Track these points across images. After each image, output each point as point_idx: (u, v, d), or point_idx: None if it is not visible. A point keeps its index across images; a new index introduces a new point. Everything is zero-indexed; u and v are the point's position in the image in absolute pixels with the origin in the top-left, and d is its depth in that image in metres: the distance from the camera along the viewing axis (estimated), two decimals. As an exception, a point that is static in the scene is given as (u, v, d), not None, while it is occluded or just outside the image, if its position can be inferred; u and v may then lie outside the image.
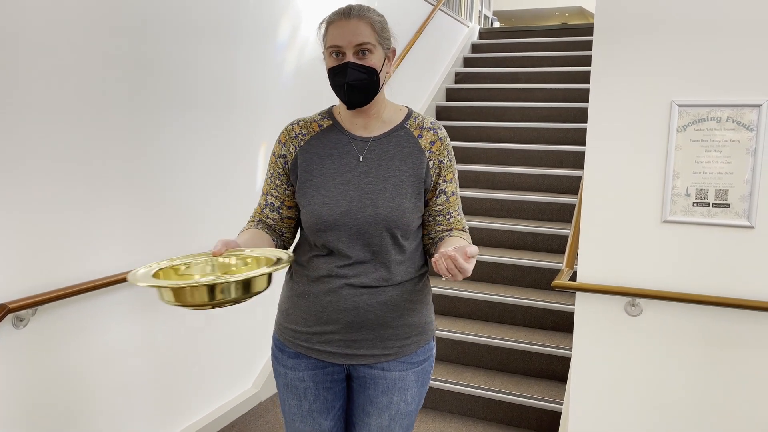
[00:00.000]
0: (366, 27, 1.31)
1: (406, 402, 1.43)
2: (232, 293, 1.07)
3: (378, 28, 1.33)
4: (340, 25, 1.31)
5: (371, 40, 1.31)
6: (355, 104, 1.34)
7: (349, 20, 1.30)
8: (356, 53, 1.31)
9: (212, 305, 1.06)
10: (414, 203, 1.37)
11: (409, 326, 1.42)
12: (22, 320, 1.88)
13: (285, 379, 1.46)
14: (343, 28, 1.30)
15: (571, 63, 5.69)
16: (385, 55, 1.36)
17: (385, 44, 1.36)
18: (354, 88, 1.31)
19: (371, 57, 1.32)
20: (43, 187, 1.92)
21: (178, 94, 2.43)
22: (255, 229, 1.44)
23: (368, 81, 1.32)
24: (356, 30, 1.30)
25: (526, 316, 3.36)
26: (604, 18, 2.05)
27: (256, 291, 1.11)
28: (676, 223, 2.04)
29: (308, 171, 1.40)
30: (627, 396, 2.16)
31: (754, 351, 2.00)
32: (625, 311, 2.13)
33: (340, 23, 1.31)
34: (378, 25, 1.33)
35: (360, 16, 1.31)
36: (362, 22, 1.31)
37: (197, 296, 1.05)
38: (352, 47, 1.30)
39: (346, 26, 1.30)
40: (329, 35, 1.33)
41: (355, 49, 1.31)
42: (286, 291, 1.48)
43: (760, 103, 1.92)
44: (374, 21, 1.33)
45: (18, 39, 1.80)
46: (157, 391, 2.46)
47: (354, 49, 1.31)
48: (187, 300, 1.05)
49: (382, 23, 1.35)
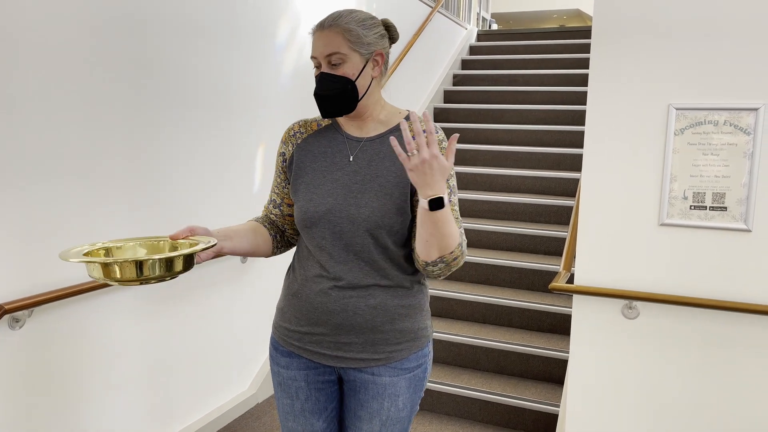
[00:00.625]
0: (337, 36, 1.31)
1: (398, 408, 1.41)
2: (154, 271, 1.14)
3: (352, 36, 1.31)
4: (316, 36, 1.34)
5: (341, 50, 1.31)
6: (329, 113, 1.36)
7: (323, 31, 1.32)
8: (328, 64, 1.33)
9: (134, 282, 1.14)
10: (399, 205, 1.35)
11: (401, 332, 1.39)
12: (18, 321, 1.87)
13: (278, 378, 1.47)
14: (317, 39, 1.33)
15: (569, 66, 5.70)
16: (365, 60, 1.34)
17: (363, 50, 1.33)
18: (324, 99, 1.33)
19: (343, 66, 1.32)
20: (39, 188, 1.91)
21: (177, 94, 2.42)
22: (255, 222, 1.49)
23: (341, 90, 1.32)
24: (327, 40, 1.32)
25: (524, 318, 3.36)
26: (602, 21, 2.05)
27: (176, 272, 1.18)
28: (674, 226, 2.05)
29: (301, 168, 1.42)
30: (624, 398, 2.16)
31: (751, 354, 2.00)
32: (622, 314, 2.14)
33: (317, 34, 1.34)
34: (352, 32, 1.32)
35: (332, 25, 1.32)
36: (333, 32, 1.31)
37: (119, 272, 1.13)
38: (324, 58, 1.33)
39: (320, 37, 1.33)
40: (312, 46, 1.36)
41: (327, 59, 1.33)
42: (284, 289, 1.49)
43: (757, 107, 1.92)
44: (346, 30, 1.31)
45: (16, 39, 1.80)
46: (154, 393, 2.46)
47: (326, 59, 1.33)
48: (114, 275, 1.13)
49: (359, 29, 1.33)
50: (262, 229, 1.47)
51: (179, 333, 2.56)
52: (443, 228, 1.21)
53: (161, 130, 2.36)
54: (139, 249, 1.30)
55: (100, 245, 1.25)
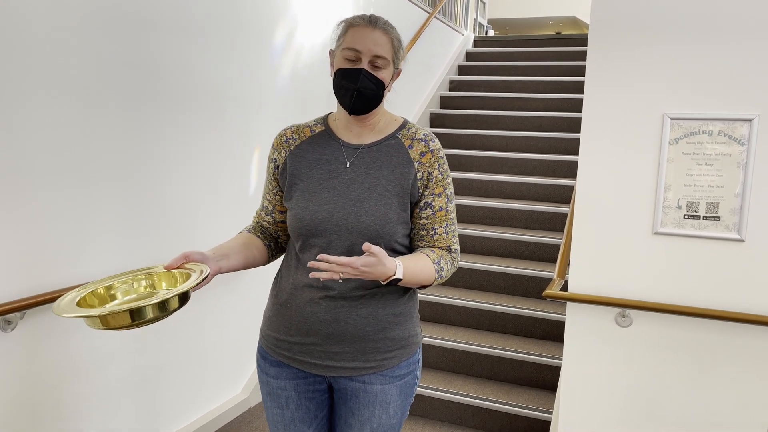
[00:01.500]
0: (387, 42, 1.33)
1: (389, 415, 1.41)
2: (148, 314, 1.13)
3: (396, 47, 1.36)
4: (363, 30, 1.31)
5: (388, 56, 1.33)
6: (357, 111, 1.34)
7: (374, 29, 1.31)
8: (371, 63, 1.32)
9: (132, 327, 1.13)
10: (398, 214, 1.35)
11: (392, 340, 1.39)
12: (10, 323, 1.86)
13: (268, 387, 1.45)
14: (365, 34, 1.31)
15: (565, 73, 5.73)
16: (392, 72, 1.38)
17: (396, 63, 1.38)
18: (362, 96, 1.32)
19: (383, 71, 1.34)
20: (32, 191, 1.91)
21: (173, 97, 2.42)
22: (247, 234, 1.47)
23: (375, 93, 1.33)
24: (378, 41, 1.31)
25: (517, 324, 3.36)
26: (598, 30, 2.06)
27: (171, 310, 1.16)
28: (667, 235, 2.06)
29: (296, 175, 1.40)
30: (616, 406, 2.16)
31: (743, 363, 2.01)
32: (616, 322, 2.14)
33: (364, 29, 1.31)
34: (397, 43, 1.36)
35: (385, 29, 1.33)
36: (386, 36, 1.33)
37: (113, 321, 1.11)
38: (370, 56, 1.31)
39: (370, 34, 1.31)
40: (348, 37, 1.32)
41: (372, 58, 1.31)
42: (271, 298, 1.47)
43: (751, 118, 1.94)
44: (395, 39, 1.35)
45: (15, 42, 1.79)
46: (146, 396, 2.44)
47: (371, 58, 1.31)
48: (110, 325, 1.11)
49: (400, 42, 1.38)
50: (255, 240, 1.45)
51: (171, 337, 2.55)
52: (414, 281, 1.31)
53: (156, 132, 2.36)
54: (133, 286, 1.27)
55: (91, 288, 1.22)
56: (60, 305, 1.14)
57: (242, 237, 1.44)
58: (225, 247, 1.37)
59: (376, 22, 1.32)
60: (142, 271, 1.29)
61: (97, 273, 2.15)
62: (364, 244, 1.16)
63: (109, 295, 1.25)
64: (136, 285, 1.27)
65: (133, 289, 1.27)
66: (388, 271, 1.22)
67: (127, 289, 1.27)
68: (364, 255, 1.17)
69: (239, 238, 1.44)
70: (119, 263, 2.24)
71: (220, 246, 1.37)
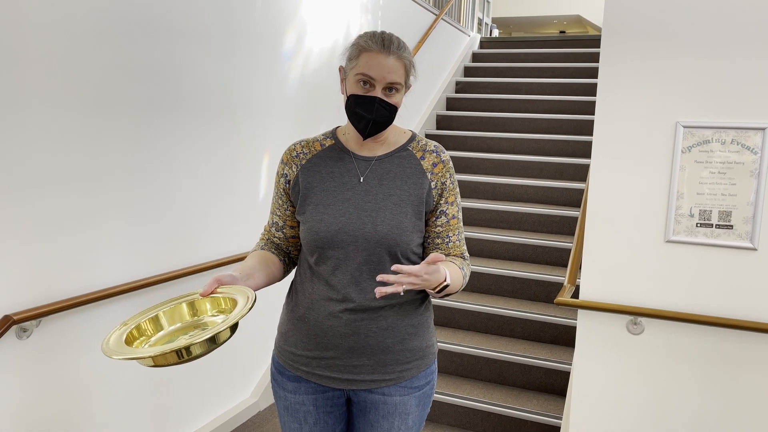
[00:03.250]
0: (401, 68, 1.32)
1: (407, 426, 1.42)
2: (197, 351, 1.11)
3: (408, 68, 1.35)
4: (377, 57, 1.30)
5: (401, 81, 1.33)
6: (369, 135, 1.36)
7: (388, 56, 1.30)
8: (385, 89, 1.32)
9: (182, 363, 1.11)
10: (414, 223, 1.37)
11: (410, 351, 1.40)
12: (26, 331, 1.87)
13: (285, 402, 1.45)
14: (380, 61, 1.29)
15: (572, 75, 5.72)
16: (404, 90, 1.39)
17: (408, 83, 1.38)
18: (376, 124, 1.34)
19: (397, 95, 1.34)
20: (46, 199, 1.91)
21: (181, 105, 2.43)
22: (262, 251, 1.46)
23: (388, 118, 1.35)
24: (392, 68, 1.30)
25: (525, 328, 3.36)
26: (611, 37, 2.06)
27: (222, 342, 1.15)
28: (680, 243, 2.06)
29: (309, 189, 1.40)
30: (627, 414, 2.16)
31: (754, 372, 2.01)
32: (627, 329, 2.15)
33: (378, 56, 1.30)
34: (409, 64, 1.35)
35: (398, 55, 1.31)
36: (399, 61, 1.31)
37: (163, 360, 1.09)
38: (384, 83, 1.31)
39: (384, 62, 1.29)
40: (361, 62, 1.31)
41: (386, 85, 1.31)
42: (286, 312, 1.46)
43: (764, 126, 1.93)
44: (408, 62, 1.34)
45: (20, 47, 1.80)
46: (157, 401, 2.46)
47: (385, 85, 1.31)
48: (165, 363, 1.10)
49: (413, 63, 1.38)
50: (271, 256, 1.45)
51: (183, 341, 2.56)
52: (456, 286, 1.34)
53: (164, 140, 2.37)
54: (175, 316, 1.24)
55: (132, 324, 1.19)
56: (108, 345, 1.11)
57: (260, 255, 1.43)
58: (248, 267, 1.36)
59: (389, 48, 1.30)
60: (183, 299, 1.27)
61: (110, 280, 2.16)
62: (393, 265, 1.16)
63: (155, 327, 1.22)
64: (180, 313, 1.25)
65: (178, 317, 1.25)
66: (441, 278, 1.23)
67: (171, 316, 1.24)
68: (423, 264, 1.17)
69: (257, 256, 1.43)
70: (131, 270, 2.25)
71: (243, 266, 1.37)
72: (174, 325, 1.24)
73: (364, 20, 3.99)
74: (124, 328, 1.18)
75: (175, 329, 1.23)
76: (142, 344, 1.17)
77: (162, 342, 1.19)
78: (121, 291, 2.13)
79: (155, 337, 1.20)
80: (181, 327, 1.24)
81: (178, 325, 1.24)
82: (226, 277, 1.25)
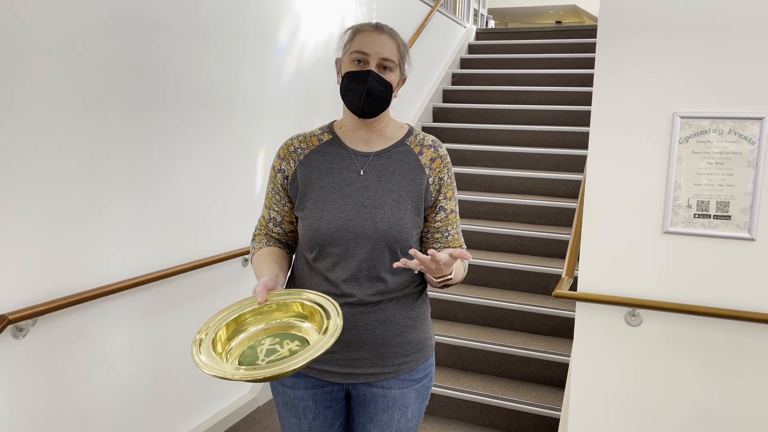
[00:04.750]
0: (394, 46, 1.36)
1: (407, 419, 1.43)
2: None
3: (402, 52, 1.38)
4: (370, 35, 1.34)
5: (395, 59, 1.36)
6: (366, 113, 1.34)
7: (381, 34, 1.34)
8: (379, 66, 1.34)
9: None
10: (413, 219, 1.37)
11: (409, 343, 1.41)
12: (22, 330, 1.86)
13: (284, 398, 1.45)
14: (373, 39, 1.33)
15: (569, 65, 5.70)
16: (398, 78, 1.40)
17: (402, 68, 1.40)
18: (371, 96, 1.32)
19: (391, 74, 1.36)
20: (42, 197, 1.90)
21: (178, 99, 2.41)
22: (269, 248, 1.45)
23: (383, 94, 1.34)
24: (386, 44, 1.34)
25: (524, 321, 3.36)
26: (608, 28, 2.05)
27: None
28: (677, 235, 2.05)
29: (307, 185, 1.39)
30: (626, 406, 2.17)
31: (754, 363, 2.02)
32: (625, 321, 2.14)
33: (371, 34, 1.34)
34: (403, 48, 1.39)
35: (391, 34, 1.37)
36: (391, 40, 1.36)
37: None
38: (378, 59, 1.33)
39: (377, 39, 1.33)
40: (356, 41, 1.35)
41: (380, 62, 1.33)
42: None
43: (762, 116, 1.92)
44: (401, 44, 1.39)
45: (20, 44, 1.78)
46: (156, 398, 2.45)
47: (378, 61, 1.33)
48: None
49: (406, 48, 1.41)
50: (281, 251, 1.46)
51: (181, 337, 2.55)
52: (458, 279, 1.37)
53: (161, 135, 2.35)
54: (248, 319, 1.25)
55: (211, 332, 1.19)
56: (223, 369, 1.10)
57: (272, 253, 1.43)
58: (273, 268, 1.37)
59: (382, 28, 1.36)
60: (248, 309, 1.26)
61: (106, 278, 2.15)
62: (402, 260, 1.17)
63: (237, 329, 1.24)
64: (255, 317, 1.26)
65: (255, 320, 1.25)
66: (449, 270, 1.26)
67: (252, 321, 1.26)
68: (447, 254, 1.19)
69: (271, 254, 1.42)
70: (128, 267, 2.24)
71: (270, 266, 1.37)
72: (256, 327, 1.25)
73: (359, 12, 3.97)
74: (203, 334, 1.19)
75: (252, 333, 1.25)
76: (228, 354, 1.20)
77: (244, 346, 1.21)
78: (117, 289, 2.12)
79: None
80: (263, 330, 1.25)
81: (261, 327, 1.26)
82: (270, 283, 1.28)
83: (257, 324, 1.25)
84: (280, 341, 1.21)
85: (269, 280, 1.28)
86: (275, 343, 1.20)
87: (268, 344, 1.20)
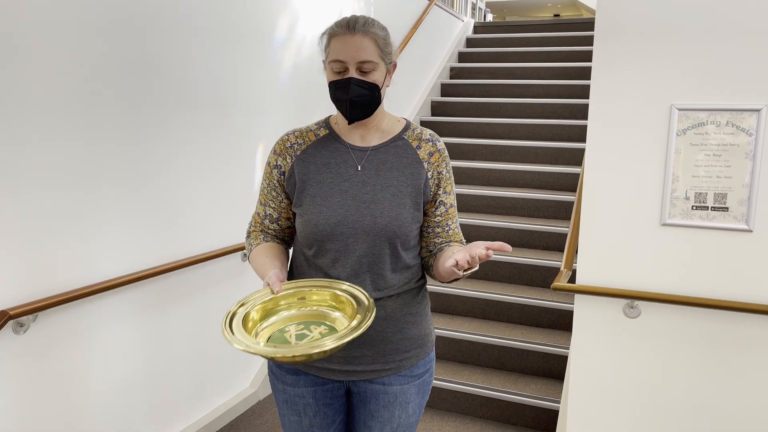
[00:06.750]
0: (370, 43, 1.28)
1: (408, 414, 1.42)
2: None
3: (381, 44, 1.30)
4: (343, 39, 1.27)
5: (374, 58, 1.28)
6: (355, 119, 1.33)
7: (354, 35, 1.26)
8: (359, 69, 1.28)
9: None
10: (413, 213, 1.36)
11: (409, 339, 1.40)
12: (23, 326, 1.87)
13: (284, 395, 1.44)
14: (346, 43, 1.26)
15: (566, 58, 5.70)
16: (386, 68, 1.34)
17: (387, 59, 1.33)
18: (356, 105, 1.30)
19: (374, 74, 1.30)
20: (41, 193, 1.90)
21: (175, 95, 2.41)
22: (268, 243, 1.45)
23: (370, 97, 1.30)
24: (360, 46, 1.26)
25: (523, 314, 3.38)
26: (605, 20, 2.05)
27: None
28: (675, 226, 2.06)
29: (305, 181, 1.37)
30: (625, 397, 2.18)
31: (752, 353, 2.03)
32: (624, 313, 2.15)
33: (344, 38, 1.27)
34: (381, 40, 1.30)
35: (364, 31, 1.27)
36: (366, 38, 1.27)
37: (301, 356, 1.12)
38: (355, 63, 1.27)
39: (350, 42, 1.26)
40: (332, 49, 1.29)
41: (358, 65, 1.28)
42: None
43: (759, 108, 1.93)
44: (378, 37, 1.29)
45: (16, 44, 1.78)
46: (156, 392, 2.46)
47: (357, 65, 1.28)
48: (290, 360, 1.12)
49: (386, 38, 1.32)
50: (281, 247, 1.46)
51: (181, 332, 2.56)
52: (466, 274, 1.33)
53: (159, 132, 2.35)
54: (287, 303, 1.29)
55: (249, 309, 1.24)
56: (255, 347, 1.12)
57: (272, 248, 1.42)
58: (276, 262, 1.37)
59: (354, 27, 1.27)
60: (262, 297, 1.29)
61: (106, 273, 2.15)
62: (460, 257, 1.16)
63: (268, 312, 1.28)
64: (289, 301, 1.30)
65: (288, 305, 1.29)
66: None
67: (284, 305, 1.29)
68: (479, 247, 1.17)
69: (271, 250, 1.42)
70: (128, 264, 2.24)
71: (271, 262, 1.37)
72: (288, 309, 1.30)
73: (357, 7, 3.96)
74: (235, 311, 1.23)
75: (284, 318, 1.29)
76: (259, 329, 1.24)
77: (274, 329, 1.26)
78: (117, 284, 2.13)
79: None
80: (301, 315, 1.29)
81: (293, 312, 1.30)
82: (281, 275, 1.31)
83: (289, 309, 1.29)
84: (305, 326, 1.25)
85: (280, 272, 1.29)
86: (301, 329, 1.25)
87: (294, 330, 1.24)
